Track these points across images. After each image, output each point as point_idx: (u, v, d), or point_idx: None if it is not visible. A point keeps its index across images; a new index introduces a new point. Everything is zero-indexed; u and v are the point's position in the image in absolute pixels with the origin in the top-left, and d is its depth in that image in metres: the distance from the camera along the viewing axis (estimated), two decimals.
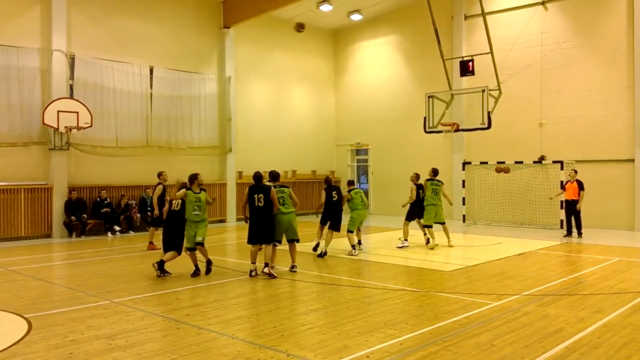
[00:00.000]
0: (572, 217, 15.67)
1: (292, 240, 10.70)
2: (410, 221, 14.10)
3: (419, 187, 14.03)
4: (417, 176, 14.25)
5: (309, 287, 9.31)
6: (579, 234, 15.60)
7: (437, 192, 13.78)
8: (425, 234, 13.84)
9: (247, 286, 9.38)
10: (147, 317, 7.35)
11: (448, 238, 13.90)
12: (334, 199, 12.68)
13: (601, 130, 17.75)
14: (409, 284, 9.44)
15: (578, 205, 15.31)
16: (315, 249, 12.80)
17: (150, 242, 13.86)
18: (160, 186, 13.70)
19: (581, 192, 15.31)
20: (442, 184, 14.09)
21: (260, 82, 23.12)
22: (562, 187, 16.22)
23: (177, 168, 19.80)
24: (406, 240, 13.86)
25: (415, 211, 14.08)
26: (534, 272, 10.49)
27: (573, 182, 15.48)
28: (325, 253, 12.46)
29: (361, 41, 24.95)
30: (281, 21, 23.35)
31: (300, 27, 16.60)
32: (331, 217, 12.70)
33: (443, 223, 13.90)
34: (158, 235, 11.93)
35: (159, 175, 14.09)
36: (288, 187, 10.73)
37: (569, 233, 15.76)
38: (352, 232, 12.84)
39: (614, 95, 17.55)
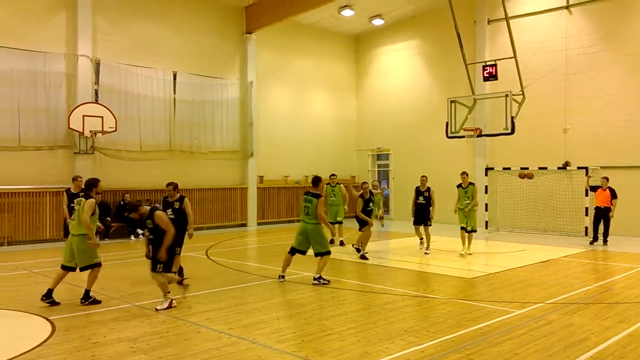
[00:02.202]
0: (600, 225, 15.42)
1: (317, 254, 9.97)
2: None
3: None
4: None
5: (330, 293, 9.28)
6: (605, 241, 15.35)
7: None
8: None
9: (268, 291, 9.39)
10: (168, 321, 7.40)
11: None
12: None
13: (627, 135, 17.43)
14: (430, 291, 9.37)
15: (611, 214, 15.09)
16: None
17: None
18: (64, 193, 12.26)
19: (614, 200, 15.09)
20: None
21: (282, 87, 23.21)
22: (593, 189, 15.91)
23: (199, 172, 20.08)
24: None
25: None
26: (558, 280, 10.33)
27: (605, 189, 15.23)
28: (361, 255, 12.94)
29: (383, 46, 24.91)
30: (303, 26, 23.43)
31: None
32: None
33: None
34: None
35: (74, 179, 12.33)
36: (319, 198, 9.93)
37: (595, 239, 15.51)
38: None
39: None
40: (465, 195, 13.57)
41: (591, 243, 15.48)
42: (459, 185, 13.85)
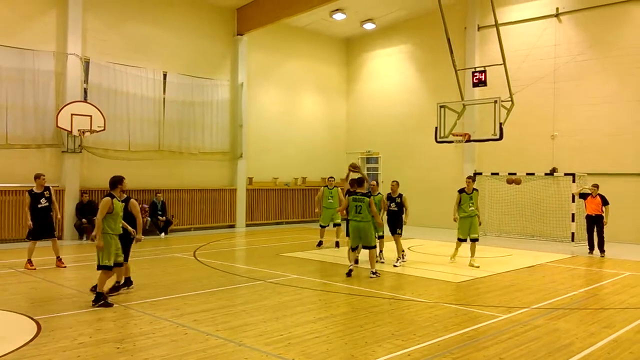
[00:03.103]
0: (595, 234, 14.77)
1: (366, 247, 11.06)
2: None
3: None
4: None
5: (317, 295, 9.29)
6: (602, 251, 14.58)
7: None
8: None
9: (255, 293, 9.38)
10: (155, 322, 7.37)
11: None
12: None
13: (614, 143, 17.61)
14: (417, 295, 9.40)
15: (605, 221, 14.55)
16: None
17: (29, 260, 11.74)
18: (27, 193, 11.82)
19: (606, 206, 14.55)
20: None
21: (272, 89, 23.21)
22: (582, 197, 15.34)
23: (188, 173, 20.04)
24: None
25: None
26: (544, 285, 10.41)
27: (595, 196, 14.68)
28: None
29: (373, 50, 24.99)
30: (294, 29, 23.46)
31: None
32: None
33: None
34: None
35: (37, 177, 11.88)
36: (370, 197, 11.00)
37: (592, 250, 14.87)
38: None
39: (629, 108, 17.40)
40: (470, 202, 12.58)
41: (590, 251, 14.88)
42: (462, 190, 12.77)
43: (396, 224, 12.84)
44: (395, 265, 12.36)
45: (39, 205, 11.65)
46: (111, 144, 17.81)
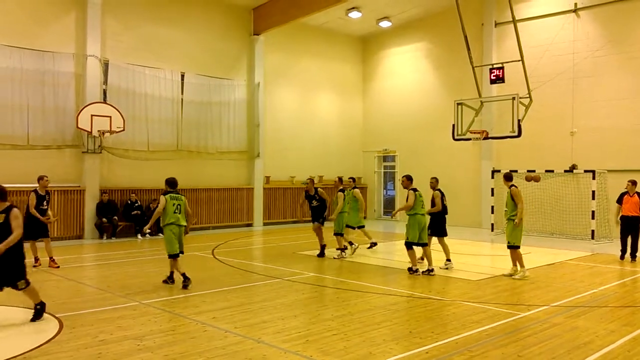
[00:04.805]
0: (630, 237, 13.03)
1: (425, 244, 11.42)
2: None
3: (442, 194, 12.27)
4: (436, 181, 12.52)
5: (335, 293, 9.32)
6: (633, 256, 13.03)
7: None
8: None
9: (273, 291, 9.44)
10: (174, 319, 7.46)
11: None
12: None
13: (634, 139, 17.36)
14: (435, 292, 9.38)
15: None
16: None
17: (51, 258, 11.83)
18: (33, 194, 11.67)
19: None
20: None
21: (289, 89, 23.27)
22: (618, 202, 13.33)
23: (206, 172, 20.18)
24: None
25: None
26: (564, 283, 10.33)
27: (633, 195, 12.87)
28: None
29: (390, 48, 24.93)
30: (310, 28, 23.48)
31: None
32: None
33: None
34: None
35: (41, 179, 11.88)
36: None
37: (623, 255, 13.20)
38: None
39: None
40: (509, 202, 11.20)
41: (621, 258, 13.21)
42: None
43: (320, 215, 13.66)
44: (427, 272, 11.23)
45: (42, 207, 11.70)
46: (130, 144, 18.00)
